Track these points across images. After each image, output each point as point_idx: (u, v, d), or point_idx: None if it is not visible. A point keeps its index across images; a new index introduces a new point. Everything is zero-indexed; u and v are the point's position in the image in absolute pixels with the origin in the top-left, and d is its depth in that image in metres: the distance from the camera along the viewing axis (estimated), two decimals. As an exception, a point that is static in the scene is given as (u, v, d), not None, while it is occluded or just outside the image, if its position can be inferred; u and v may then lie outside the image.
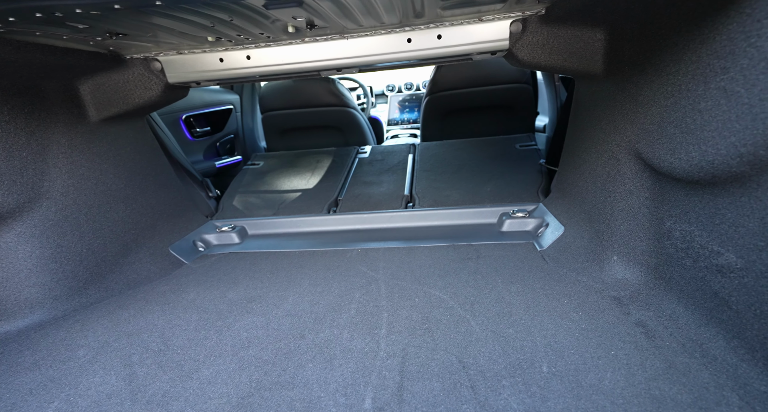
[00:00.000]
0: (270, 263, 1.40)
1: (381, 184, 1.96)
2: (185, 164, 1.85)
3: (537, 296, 1.02)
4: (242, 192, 2.06)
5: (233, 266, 1.40)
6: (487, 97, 2.46)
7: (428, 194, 1.79)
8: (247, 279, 1.29)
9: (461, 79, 2.43)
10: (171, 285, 1.29)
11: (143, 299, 1.19)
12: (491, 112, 2.58)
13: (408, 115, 3.92)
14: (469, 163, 2.02)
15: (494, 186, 1.77)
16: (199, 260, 1.50)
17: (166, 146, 1.74)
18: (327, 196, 1.90)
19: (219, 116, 2.53)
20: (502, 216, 1.54)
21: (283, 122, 2.70)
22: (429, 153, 2.21)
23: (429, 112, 2.64)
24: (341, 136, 2.78)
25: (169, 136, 1.83)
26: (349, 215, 1.70)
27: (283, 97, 2.59)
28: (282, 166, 2.31)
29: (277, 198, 1.96)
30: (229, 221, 1.78)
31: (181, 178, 1.75)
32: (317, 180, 2.09)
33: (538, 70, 1.17)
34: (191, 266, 1.45)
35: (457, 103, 2.52)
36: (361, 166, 2.21)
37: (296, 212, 1.81)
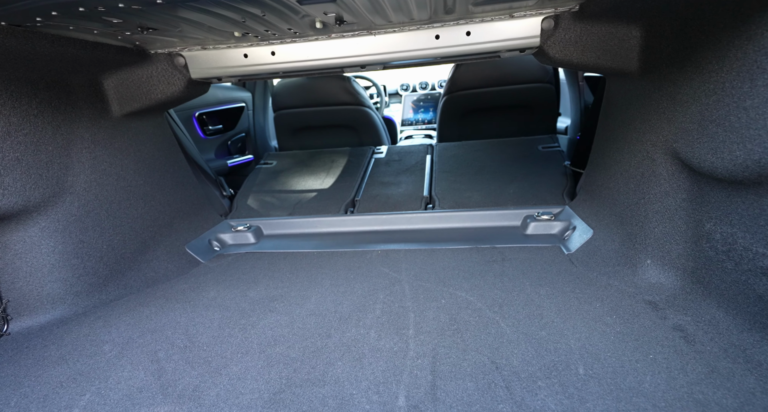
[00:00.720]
0: (288, 263, 1.39)
1: (399, 185, 1.94)
2: (200, 162, 1.84)
3: (568, 299, 1.00)
4: (256, 191, 2.04)
5: (251, 266, 1.39)
6: (507, 96, 2.44)
7: (448, 196, 1.77)
8: (266, 279, 1.27)
9: (481, 78, 2.40)
10: (190, 283, 1.27)
11: (163, 296, 1.18)
12: (511, 113, 2.55)
13: (423, 116, 3.90)
14: (490, 165, 2.00)
15: (517, 188, 1.75)
16: (216, 260, 1.49)
17: (182, 143, 1.73)
18: (344, 197, 1.89)
19: (231, 114, 2.52)
20: (526, 219, 1.52)
21: (297, 121, 2.69)
22: (448, 154, 2.20)
23: (447, 112, 2.62)
24: (356, 135, 2.77)
25: (185, 133, 1.83)
26: (368, 215, 1.69)
27: (297, 96, 2.58)
28: (296, 166, 2.30)
29: (292, 198, 1.94)
30: (244, 220, 1.76)
31: (196, 176, 1.74)
32: (333, 180, 2.07)
33: (567, 69, 1.15)
34: (208, 266, 1.43)
35: (477, 102, 2.50)
36: (377, 166, 2.20)
37: (312, 213, 1.79)
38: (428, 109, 3.92)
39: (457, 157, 2.14)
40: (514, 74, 2.38)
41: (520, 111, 2.54)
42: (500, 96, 2.45)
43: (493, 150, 2.17)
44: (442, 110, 2.63)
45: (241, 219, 1.79)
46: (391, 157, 2.31)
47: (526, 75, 2.37)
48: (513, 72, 2.37)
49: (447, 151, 2.24)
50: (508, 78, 2.38)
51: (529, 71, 2.37)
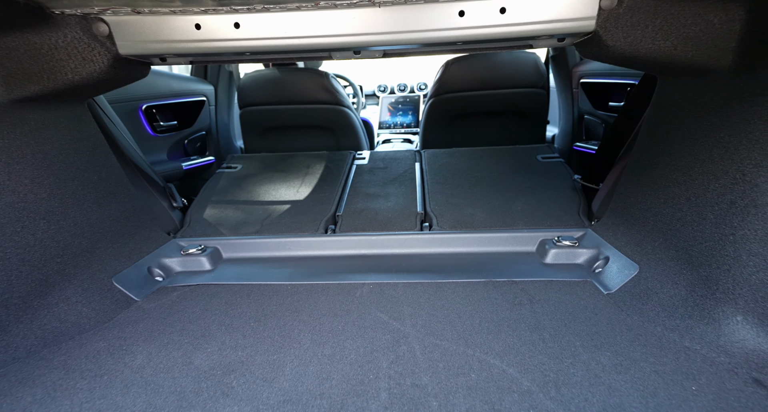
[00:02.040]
0: (254, 303, 1.05)
1: (388, 198, 1.64)
2: (143, 166, 1.46)
3: (644, 374, 0.73)
4: (215, 202, 1.68)
5: (203, 308, 1.04)
6: (499, 101, 2.20)
7: (447, 213, 1.49)
8: (222, 330, 0.93)
9: (473, 80, 2.15)
10: (109, 341, 0.91)
11: (62, 366, 0.82)
12: (502, 119, 2.32)
13: (401, 119, 3.62)
14: (489, 176, 1.74)
15: (524, 205, 1.49)
16: (156, 296, 1.12)
17: (118, 143, 1.35)
18: (323, 211, 1.56)
19: (189, 109, 2.14)
20: (543, 244, 1.26)
21: (266, 119, 2.33)
22: (439, 162, 1.92)
23: (432, 116, 2.35)
24: (333, 138, 2.44)
25: (122, 129, 1.44)
26: (353, 236, 1.37)
27: (267, 91, 2.22)
28: (264, 171, 1.95)
29: (260, 211, 1.60)
30: (197, 240, 1.40)
31: (136, 185, 1.36)
32: (309, 190, 1.74)
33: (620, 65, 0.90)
34: (143, 306, 1.07)
35: (466, 106, 2.25)
36: (360, 174, 1.88)
37: (285, 231, 1.46)
38: (407, 113, 3.65)
39: (450, 166, 1.87)
40: (509, 77, 2.14)
41: (511, 118, 2.31)
42: (492, 100, 2.21)
43: (489, 159, 1.92)
44: (428, 114, 2.36)
45: (194, 238, 1.42)
46: (375, 163, 2.00)
47: (521, 78, 2.14)
48: (508, 74, 2.14)
49: (437, 158, 1.96)
50: (501, 81, 2.14)
51: (524, 75, 2.14)
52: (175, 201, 1.54)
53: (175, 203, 1.54)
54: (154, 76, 1.84)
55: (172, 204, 1.53)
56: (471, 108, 2.26)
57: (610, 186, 1.35)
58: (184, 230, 1.49)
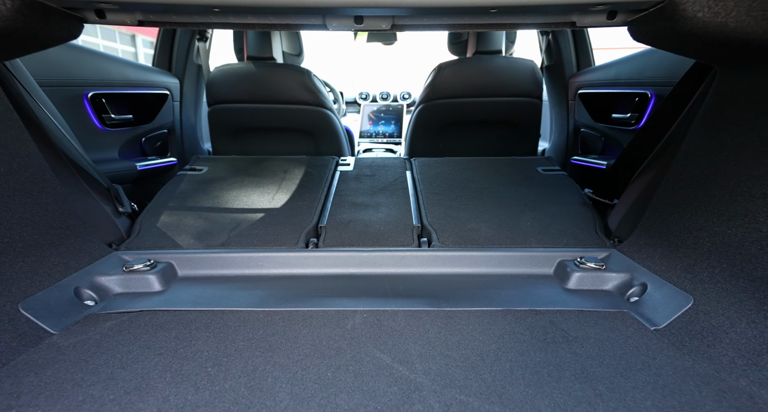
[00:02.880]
0: (214, 337, 0.80)
1: (378, 209, 1.43)
2: (79, 161, 1.18)
3: None
4: (173, 208, 1.41)
5: (144, 344, 0.78)
6: (493, 110, 2.06)
7: (448, 227, 1.30)
8: (166, 379, 0.68)
9: (467, 86, 2.01)
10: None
11: None
12: (494, 129, 2.18)
13: (383, 128, 3.45)
14: (489, 188, 1.57)
15: (533, 220, 1.33)
16: (81, 328, 0.85)
17: (44, 129, 1.08)
18: (303, 222, 1.33)
19: (148, 102, 1.87)
20: (563, 266, 1.08)
21: (237, 119, 2.09)
22: (432, 171, 1.74)
23: (421, 123, 2.18)
24: (312, 143, 2.23)
25: (54, 115, 1.16)
26: (340, 251, 1.15)
27: (240, 87, 1.99)
28: (234, 175, 1.70)
29: (228, 220, 1.35)
30: (146, 253, 1.14)
31: (67, 183, 1.09)
32: (286, 197, 1.51)
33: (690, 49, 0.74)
34: (59, 343, 0.80)
35: (458, 114, 2.10)
36: (345, 181, 1.67)
37: (257, 244, 1.22)
38: (389, 122, 3.50)
39: (444, 175, 1.70)
40: (505, 84, 2.02)
41: (503, 128, 2.18)
42: (485, 108, 2.07)
43: (485, 169, 1.76)
44: (416, 121, 2.19)
45: (142, 251, 1.16)
46: (362, 170, 1.80)
47: (518, 86, 2.02)
48: (504, 81, 2.01)
49: (430, 167, 1.79)
50: (497, 88, 2.01)
51: (521, 82, 2.02)
52: (121, 205, 1.27)
53: (121, 208, 1.26)
54: (104, 60, 1.58)
55: (117, 209, 1.25)
56: (463, 116, 2.11)
57: (632, 201, 1.21)
58: (131, 241, 1.22)
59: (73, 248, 1.03)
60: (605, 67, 1.78)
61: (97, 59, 1.52)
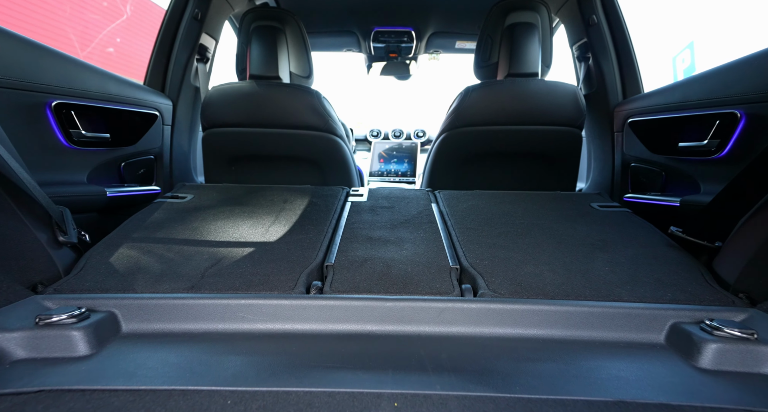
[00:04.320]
0: None
1: (401, 245, 1.11)
2: (7, 173, 0.88)
3: None
4: (137, 240, 1.10)
5: None
6: (526, 139, 1.80)
7: (497, 270, 0.97)
8: None
9: (497, 112, 1.76)
10: None
11: None
12: (527, 162, 1.91)
13: (396, 167, 3.22)
14: (538, 224, 1.26)
15: (610, 264, 1.00)
16: None
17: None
18: (304, 259, 1.01)
19: (131, 122, 1.62)
20: (682, 331, 0.74)
21: (233, 145, 1.84)
22: (462, 204, 1.44)
23: (443, 153, 1.92)
24: (318, 175, 1.96)
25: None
26: (355, 299, 0.81)
27: (238, 108, 1.76)
28: (223, 204, 1.40)
29: (205, 256, 1.03)
30: (83, 297, 0.80)
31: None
32: (284, 229, 1.20)
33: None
34: None
35: (486, 143, 1.84)
36: (357, 213, 1.37)
37: (241, 288, 0.88)
38: (402, 160, 3.27)
39: (478, 209, 1.39)
40: (542, 111, 1.75)
41: (537, 161, 1.91)
42: (518, 138, 1.81)
43: (527, 204, 1.46)
44: (437, 151, 1.93)
45: (78, 294, 0.82)
46: (377, 201, 1.50)
47: (557, 114, 1.75)
48: (542, 107, 1.74)
49: (459, 200, 1.49)
50: (533, 114, 1.75)
51: (560, 109, 1.74)
52: (62, 233, 0.95)
53: (62, 237, 0.94)
54: (78, 67, 1.35)
55: (56, 238, 0.94)
56: (491, 146, 1.85)
57: (758, 245, 0.88)
58: (67, 281, 0.89)
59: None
60: (666, 90, 1.54)
61: (68, 65, 1.29)
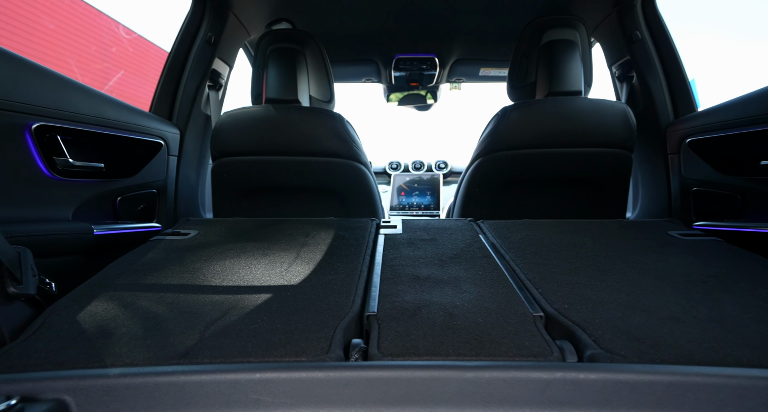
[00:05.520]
0: None
1: (459, 286, 0.84)
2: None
3: None
4: (119, 289, 0.85)
5: None
6: (573, 162, 1.57)
7: (597, 317, 0.69)
8: None
9: (539, 133, 1.54)
10: None
11: None
12: (569, 187, 1.67)
13: (418, 200, 2.99)
14: (619, 256, 1.00)
15: (741, 307, 0.73)
16: None
17: None
18: (337, 308, 0.75)
19: (131, 151, 1.44)
20: None
21: (246, 176, 1.63)
22: (516, 235, 1.18)
23: (477, 181, 1.68)
24: (340, 206, 1.73)
25: None
26: (417, 367, 0.53)
27: (253, 133, 1.57)
28: (233, 240, 1.16)
29: (206, 308, 0.77)
30: (24, 377, 0.54)
31: None
32: (308, 269, 0.94)
33: None
34: None
35: (527, 168, 1.60)
36: (395, 248, 1.11)
37: (253, 353, 0.62)
38: (424, 193, 3.05)
39: (537, 240, 1.14)
40: (588, 131, 1.52)
41: (583, 186, 1.67)
42: (562, 161, 1.58)
43: (593, 233, 1.20)
44: (471, 178, 1.70)
45: (20, 374, 0.56)
46: (414, 233, 1.25)
47: (605, 134, 1.52)
48: (587, 128, 1.52)
49: (509, 230, 1.23)
50: (577, 135, 1.53)
51: (609, 129, 1.52)
52: (15, 282, 0.70)
53: (14, 288, 0.70)
54: (68, 87, 1.18)
55: (5, 289, 0.69)
56: (532, 170, 1.61)
57: None
58: (10, 349, 0.63)
59: None
60: (736, 104, 1.31)
61: (55, 83, 1.12)
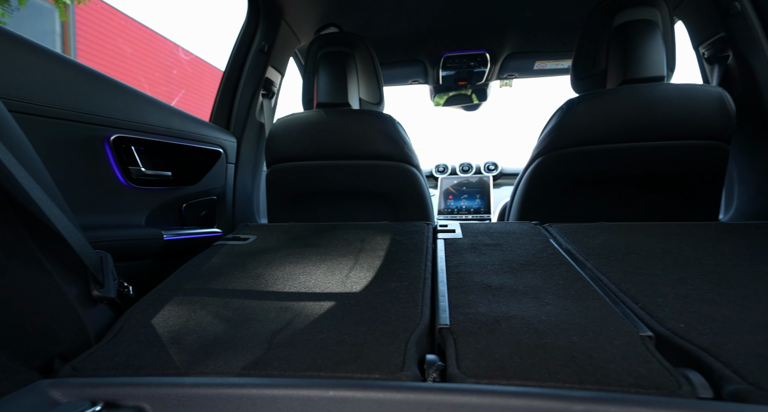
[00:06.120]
0: None
1: (539, 297, 0.77)
2: (39, 214, 0.70)
3: None
4: (189, 293, 0.87)
5: None
6: (654, 158, 1.40)
7: (728, 339, 0.59)
8: None
9: (614, 127, 1.39)
10: None
11: None
12: (652, 187, 1.50)
13: (467, 203, 2.90)
14: (735, 264, 0.87)
15: None
16: None
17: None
18: (405, 318, 0.71)
19: (194, 159, 1.50)
20: None
21: (298, 181, 1.65)
22: (594, 240, 1.08)
23: (538, 181, 1.57)
24: (391, 209, 1.70)
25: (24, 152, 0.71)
26: (511, 394, 0.48)
27: (305, 138, 1.59)
28: (291, 246, 1.17)
29: (270, 316, 0.76)
30: (106, 382, 0.55)
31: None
32: (369, 276, 0.91)
33: None
34: None
35: (598, 165, 1.47)
36: (457, 253, 1.06)
37: (323, 367, 0.59)
38: (474, 197, 2.95)
39: (620, 246, 1.02)
40: (674, 122, 1.33)
41: (667, 185, 1.49)
42: (641, 157, 1.40)
43: (691, 238, 1.06)
44: (531, 178, 1.59)
45: (101, 378, 0.58)
46: (476, 238, 1.18)
47: (695, 125, 1.33)
48: (674, 118, 1.33)
49: (584, 235, 1.13)
50: (660, 128, 1.37)
51: (700, 119, 1.32)
52: (98, 286, 0.74)
53: (97, 291, 0.73)
54: (141, 100, 1.24)
55: (90, 292, 0.72)
56: (603, 168, 1.47)
57: None
58: (95, 353, 0.65)
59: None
60: None
61: (130, 97, 1.18)
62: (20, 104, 0.89)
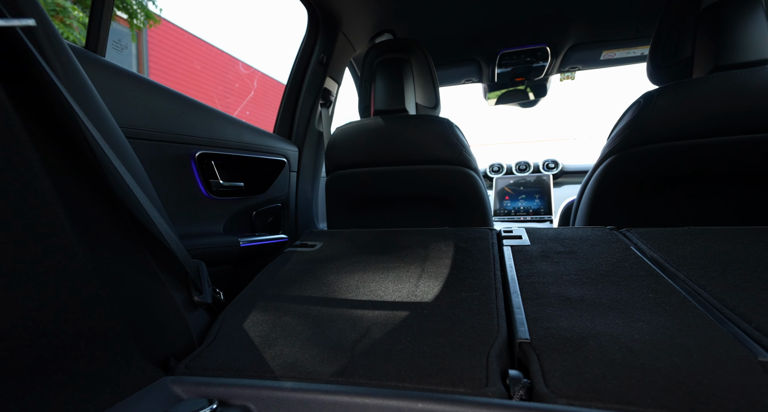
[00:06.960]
0: None
1: (628, 313, 0.74)
2: (151, 227, 0.79)
3: None
4: (271, 300, 0.93)
5: None
6: (750, 155, 1.26)
7: None
8: None
9: (702, 120, 1.25)
10: None
11: None
12: (744, 188, 1.35)
13: (525, 204, 2.81)
14: None
15: None
16: None
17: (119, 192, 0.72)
18: (482, 331, 0.71)
19: (262, 170, 1.60)
20: None
21: (357, 187, 1.69)
22: (684, 248, 1.00)
23: (609, 181, 1.48)
24: (450, 214, 1.69)
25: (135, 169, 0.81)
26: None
27: (364, 145, 1.63)
28: (356, 253, 1.21)
29: (347, 324, 0.80)
30: (214, 382, 0.62)
31: (129, 260, 0.68)
32: (438, 285, 0.92)
33: None
34: None
35: (681, 164, 1.34)
36: (527, 262, 1.03)
37: (411, 378, 0.61)
38: (532, 197, 2.84)
39: (718, 254, 0.93)
40: None
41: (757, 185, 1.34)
42: (734, 154, 1.25)
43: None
44: (601, 178, 1.49)
45: (209, 377, 0.65)
46: (546, 245, 1.15)
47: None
48: None
49: (671, 241, 1.04)
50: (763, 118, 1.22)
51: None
52: (198, 292, 0.82)
53: (198, 297, 0.81)
54: (217, 117, 1.34)
55: (192, 298, 0.80)
56: (686, 167, 1.34)
57: None
58: (201, 353, 0.73)
59: (98, 369, 0.56)
60: None
61: (209, 115, 1.28)
62: (130, 131, 1.01)
